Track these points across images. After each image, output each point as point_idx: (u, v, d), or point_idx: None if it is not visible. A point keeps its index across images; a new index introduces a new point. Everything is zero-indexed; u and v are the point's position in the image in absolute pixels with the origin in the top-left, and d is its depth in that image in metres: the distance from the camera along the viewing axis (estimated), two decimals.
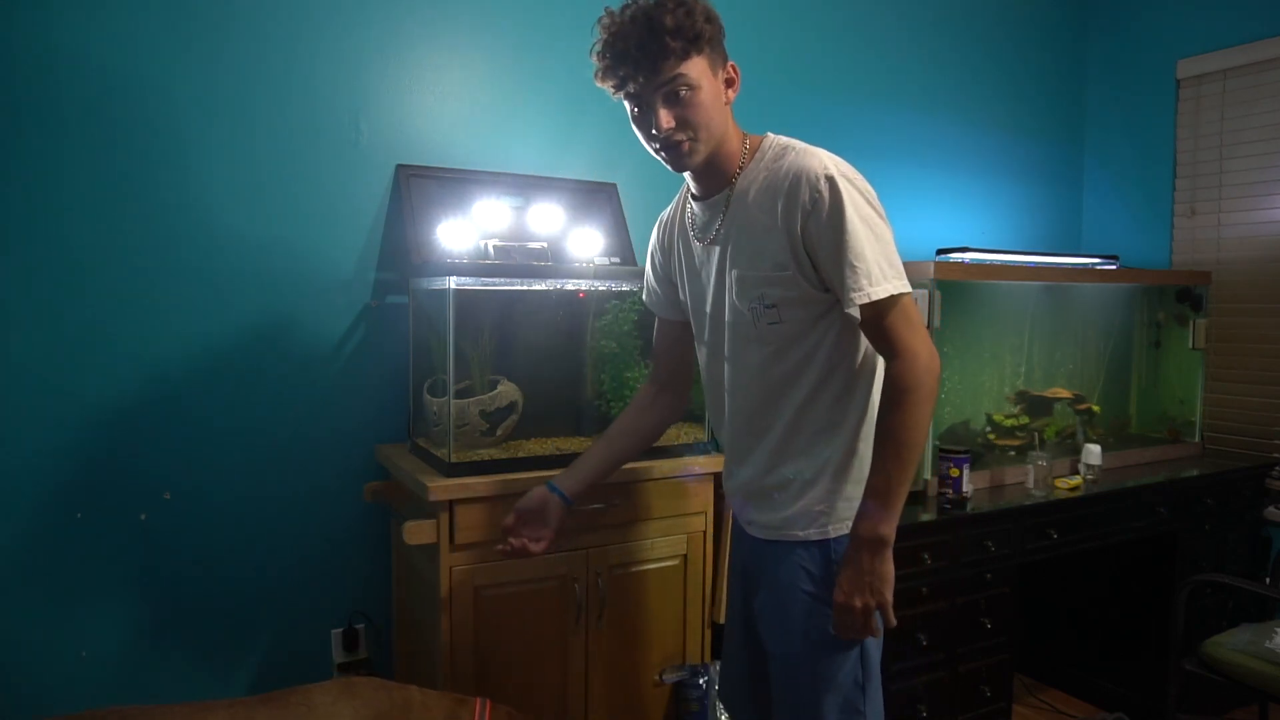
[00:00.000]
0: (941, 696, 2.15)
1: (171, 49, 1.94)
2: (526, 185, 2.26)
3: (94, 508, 1.91)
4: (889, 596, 1.27)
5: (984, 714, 2.23)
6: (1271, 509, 2.83)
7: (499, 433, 1.96)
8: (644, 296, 1.67)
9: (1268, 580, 2.73)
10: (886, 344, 1.28)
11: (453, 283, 1.81)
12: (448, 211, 2.12)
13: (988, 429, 2.57)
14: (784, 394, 1.37)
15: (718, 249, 1.40)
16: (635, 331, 2.06)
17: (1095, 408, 2.78)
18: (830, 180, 1.26)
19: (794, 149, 1.33)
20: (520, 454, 1.91)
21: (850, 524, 1.33)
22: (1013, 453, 2.57)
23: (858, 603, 1.27)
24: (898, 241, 1.33)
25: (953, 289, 2.36)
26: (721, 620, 2.06)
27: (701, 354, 1.52)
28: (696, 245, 1.46)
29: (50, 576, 1.88)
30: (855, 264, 1.24)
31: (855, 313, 1.27)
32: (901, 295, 1.27)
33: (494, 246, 2.09)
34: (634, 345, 2.06)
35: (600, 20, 1.31)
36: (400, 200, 2.15)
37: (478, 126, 2.28)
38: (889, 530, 1.27)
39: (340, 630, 2.17)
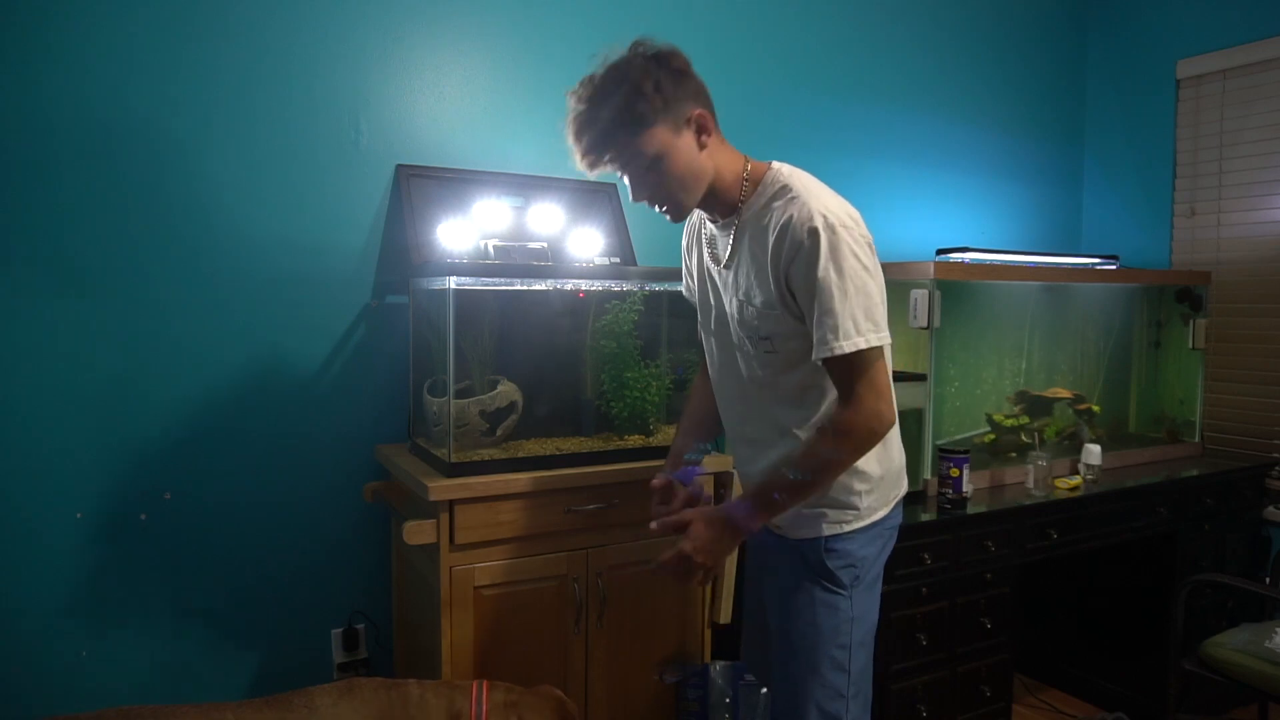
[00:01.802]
0: (941, 696, 2.15)
1: (170, 50, 1.93)
2: (526, 185, 2.26)
3: (94, 508, 1.91)
4: (723, 564, 1.40)
5: (984, 714, 2.23)
6: (1271, 509, 2.83)
7: (499, 433, 1.96)
8: (684, 289, 1.69)
9: (1267, 580, 2.73)
10: (841, 390, 1.33)
11: (453, 283, 1.81)
12: (448, 211, 2.12)
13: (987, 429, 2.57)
14: (785, 414, 1.43)
15: (724, 272, 1.44)
16: (635, 331, 2.06)
17: (1095, 408, 2.78)
18: (813, 231, 1.27)
19: (790, 190, 1.34)
20: (520, 454, 1.91)
21: (844, 523, 1.42)
22: (1013, 453, 2.57)
23: (699, 559, 1.35)
24: (897, 242, 1.35)
25: (953, 289, 2.36)
26: (721, 620, 2.08)
27: (710, 361, 1.57)
28: (710, 263, 1.49)
29: (50, 576, 1.88)
30: (823, 319, 1.28)
31: (820, 364, 1.33)
32: (863, 350, 1.28)
33: (494, 246, 2.09)
34: (634, 345, 2.06)
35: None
36: (400, 200, 2.15)
37: (478, 126, 2.28)
38: (756, 523, 1.37)
39: (340, 630, 2.17)
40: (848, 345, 1.27)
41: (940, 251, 2.52)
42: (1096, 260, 2.87)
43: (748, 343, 1.42)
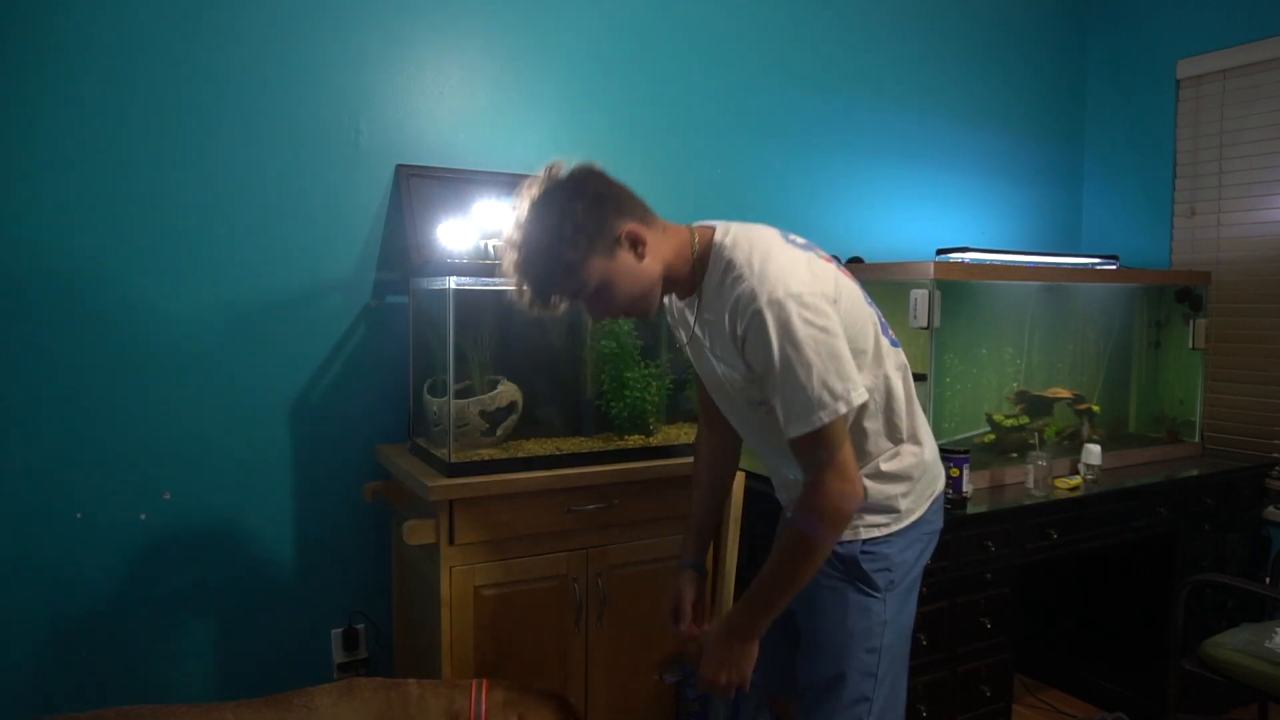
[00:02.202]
0: (941, 696, 2.15)
1: (173, 51, 1.94)
2: None
3: (94, 508, 1.91)
4: (749, 673, 1.38)
5: (984, 714, 2.23)
6: (1271, 509, 2.83)
7: (499, 433, 1.96)
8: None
9: (1267, 580, 2.73)
10: (806, 469, 1.30)
11: (453, 283, 1.82)
12: (448, 211, 2.12)
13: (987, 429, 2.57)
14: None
15: (703, 343, 1.42)
16: (635, 331, 2.07)
17: (1095, 408, 2.78)
18: (757, 313, 1.25)
19: (734, 268, 1.30)
20: (520, 454, 1.91)
21: (881, 526, 1.42)
22: (1013, 453, 2.57)
23: (723, 679, 1.37)
24: (897, 242, 1.33)
25: (953, 289, 2.36)
26: None
27: (718, 406, 1.55)
28: (691, 330, 1.46)
29: (50, 576, 1.88)
30: (795, 395, 1.25)
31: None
32: (835, 422, 1.25)
33: (494, 246, 2.09)
34: (634, 345, 2.06)
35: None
36: (400, 200, 2.15)
37: (478, 126, 2.28)
38: (760, 627, 1.36)
39: (340, 630, 2.17)
40: (826, 415, 1.24)
41: (940, 251, 2.52)
42: (1096, 260, 2.87)
43: (744, 406, 1.41)
